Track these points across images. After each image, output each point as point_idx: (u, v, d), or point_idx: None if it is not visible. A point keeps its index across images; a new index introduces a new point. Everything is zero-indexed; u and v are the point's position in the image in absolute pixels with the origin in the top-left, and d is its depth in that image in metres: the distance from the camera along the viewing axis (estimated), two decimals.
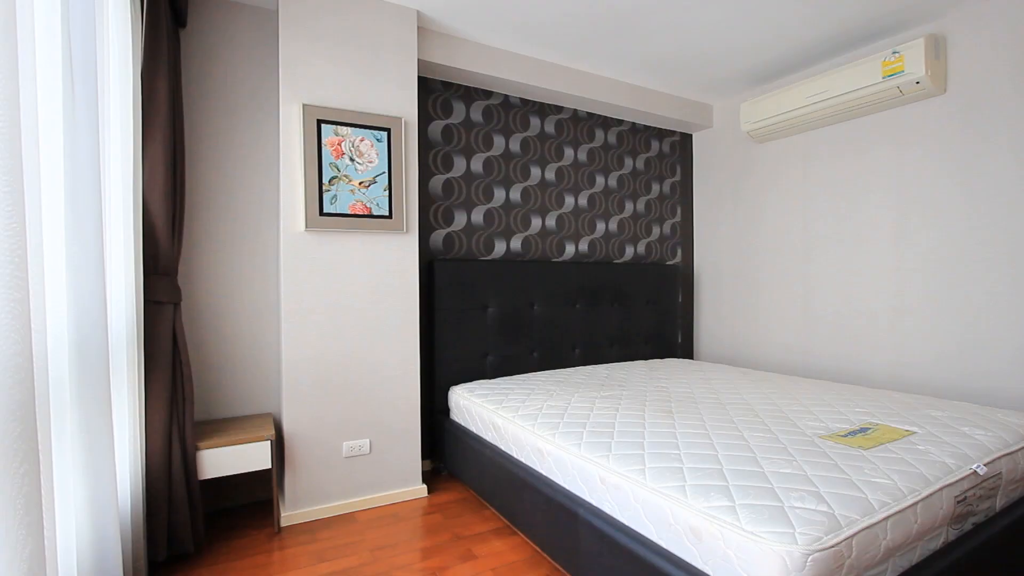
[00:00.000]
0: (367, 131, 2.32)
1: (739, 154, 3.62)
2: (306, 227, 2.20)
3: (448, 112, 2.91)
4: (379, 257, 2.40)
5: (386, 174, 2.37)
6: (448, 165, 2.91)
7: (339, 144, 2.26)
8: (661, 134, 3.80)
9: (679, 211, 3.91)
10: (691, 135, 3.96)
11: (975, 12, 2.43)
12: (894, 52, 2.53)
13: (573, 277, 3.18)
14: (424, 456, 2.83)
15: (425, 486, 2.51)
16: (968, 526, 1.42)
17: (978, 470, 1.44)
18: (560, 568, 1.81)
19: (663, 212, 3.82)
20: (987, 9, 2.39)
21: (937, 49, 2.51)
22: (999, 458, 1.54)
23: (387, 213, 2.37)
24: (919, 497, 1.28)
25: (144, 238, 1.81)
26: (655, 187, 3.77)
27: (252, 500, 2.45)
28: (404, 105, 2.44)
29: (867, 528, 1.14)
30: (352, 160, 2.29)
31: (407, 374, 2.47)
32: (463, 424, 2.49)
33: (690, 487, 1.33)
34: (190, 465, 1.91)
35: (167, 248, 1.86)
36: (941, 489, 1.33)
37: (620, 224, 3.59)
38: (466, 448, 2.35)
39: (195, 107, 2.29)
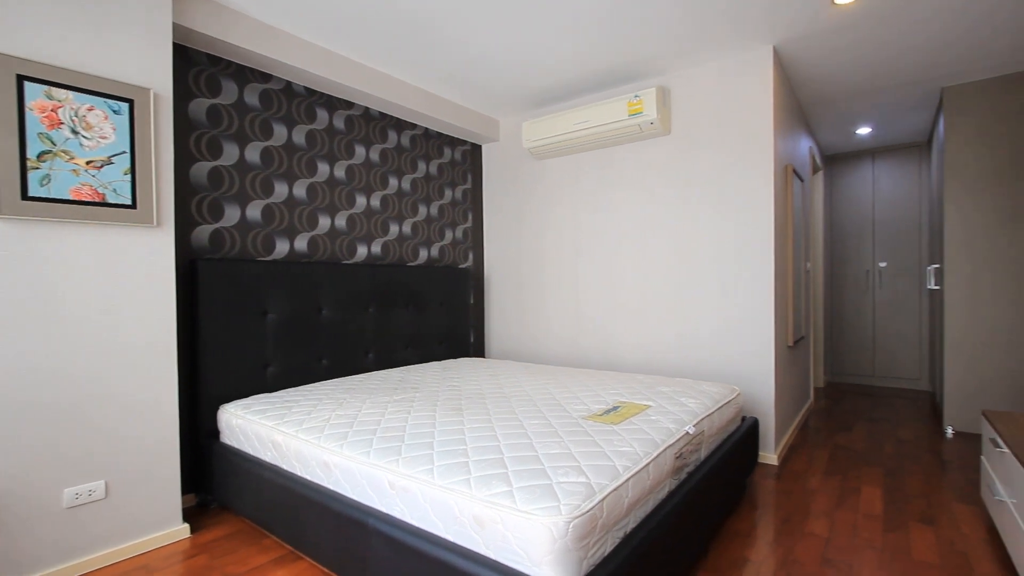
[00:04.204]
0: (98, 99, 1.88)
1: (522, 168, 3.97)
2: None
3: (216, 91, 2.54)
4: (118, 255, 1.96)
5: (128, 154, 1.95)
6: (216, 151, 2.54)
7: (54, 111, 1.78)
8: (453, 142, 3.94)
9: (470, 217, 4.11)
10: (481, 146, 4.20)
11: (687, 74, 3.12)
12: (636, 96, 3.09)
13: (365, 280, 3.09)
14: (187, 490, 2.41)
15: (187, 525, 2.14)
16: (683, 475, 1.81)
17: (689, 430, 1.85)
18: None
19: (455, 217, 3.97)
20: (694, 73, 3.09)
21: (665, 98, 3.15)
22: (703, 419, 2.00)
23: (129, 202, 1.96)
24: (651, 458, 1.58)
25: None
26: (448, 192, 3.90)
27: None
28: (154, 73, 2.05)
29: (614, 490, 1.37)
30: (76, 133, 1.82)
31: (160, 395, 2.07)
32: (236, 446, 2.20)
33: (475, 479, 1.40)
34: None
35: None
36: (665, 449, 1.67)
37: (414, 227, 3.61)
38: (240, 473, 2.08)
39: None
